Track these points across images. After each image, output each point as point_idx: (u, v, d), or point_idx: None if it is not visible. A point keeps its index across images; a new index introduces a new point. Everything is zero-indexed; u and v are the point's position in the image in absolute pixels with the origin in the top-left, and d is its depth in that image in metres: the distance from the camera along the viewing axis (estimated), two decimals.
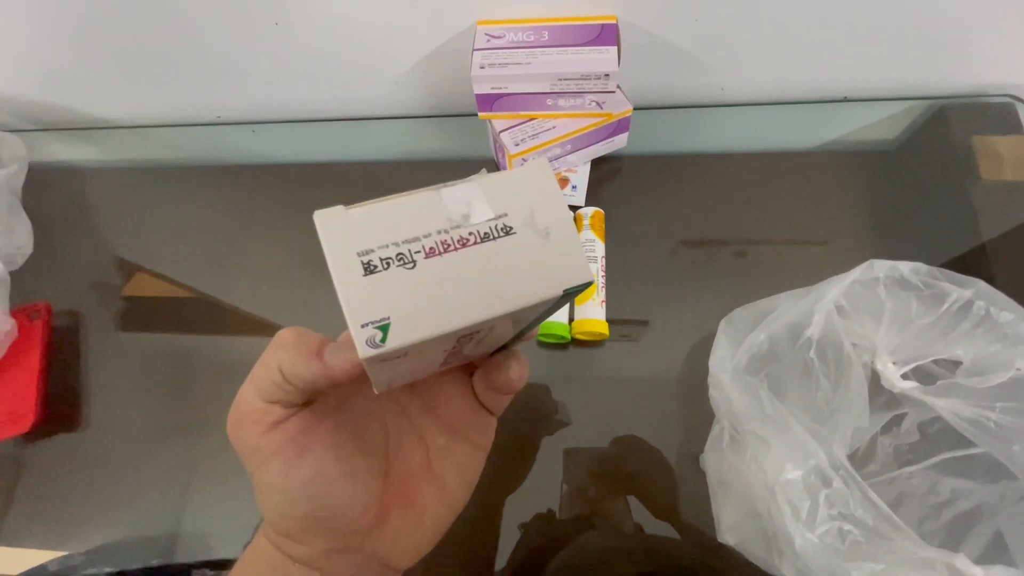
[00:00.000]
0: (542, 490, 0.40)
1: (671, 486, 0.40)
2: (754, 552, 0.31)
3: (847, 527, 0.27)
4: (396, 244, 0.16)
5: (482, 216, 0.17)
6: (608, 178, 0.50)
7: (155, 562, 0.41)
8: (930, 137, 0.50)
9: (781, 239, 0.47)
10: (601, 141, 0.48)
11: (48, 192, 0.57)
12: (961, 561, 0.25)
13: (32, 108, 0.59)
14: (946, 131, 0.49)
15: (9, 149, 0.55)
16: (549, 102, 0.45)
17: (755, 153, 0.52)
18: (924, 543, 0.27)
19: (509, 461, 0.41)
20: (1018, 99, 0.50)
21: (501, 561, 0.39)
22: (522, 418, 0.43)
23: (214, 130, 0.59)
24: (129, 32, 0.50)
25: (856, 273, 0.33)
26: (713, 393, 0.35)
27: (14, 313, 0.48)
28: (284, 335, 0.19)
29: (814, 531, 0.27)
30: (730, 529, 0.32)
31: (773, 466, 0.29)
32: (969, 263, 0.45)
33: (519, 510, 0.40)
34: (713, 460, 0.35)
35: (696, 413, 0.39)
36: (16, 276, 0.50)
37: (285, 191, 0.54)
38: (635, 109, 0.47)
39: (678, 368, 0.43)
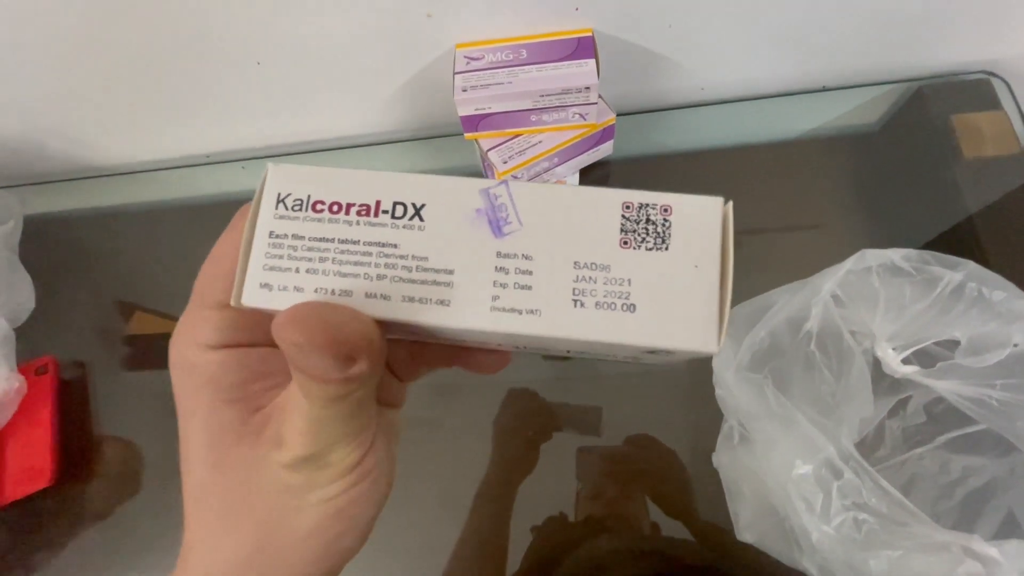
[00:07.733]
0: (553, 493, 0.41)
1: (685, 486, 0.41)
2: (774, 548, 0.32)
3: (862, 516, 0.28)
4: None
5: None
6: (598, 184, 0.51)
7: None
8: (910, 119, 0.51)
9: (772, 229, 0.48)
10: (588, 151, 0.49)
11: (45, 244, 0.57)
12: (976, 542, 0.26)
13: (22, 161, 0.59)
14: (925, 112, 0.50)
15: (4, 206, 0.56)
16: (533, 118, 0.45)
17: (740, 147, 0.52)
18: (939, 526, 0.27)
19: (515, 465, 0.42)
20: (993, 74, 0.51)
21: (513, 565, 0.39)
22: (527, 423, 0.44)
23: (205, 169, 0.59)
24: (114, 80, 0.50)
25: (849, 264, 0.33)
26: (719, 392, 0.35)
27: (21, 369, 0.48)
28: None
29: (830, 523, 0.28)
30: (747, 527, 0.33)
31: (783, 462, 0.29)
32: (959, 238, 0.45)
33: (529, 512, 0.40)
34: (725, 459, 0.35)
35: (705, 412, 0.39)
36: (20, 332, 0.51)
37: None
38: (619, 115, 0.48)
39: (683, 367, 0.44)
